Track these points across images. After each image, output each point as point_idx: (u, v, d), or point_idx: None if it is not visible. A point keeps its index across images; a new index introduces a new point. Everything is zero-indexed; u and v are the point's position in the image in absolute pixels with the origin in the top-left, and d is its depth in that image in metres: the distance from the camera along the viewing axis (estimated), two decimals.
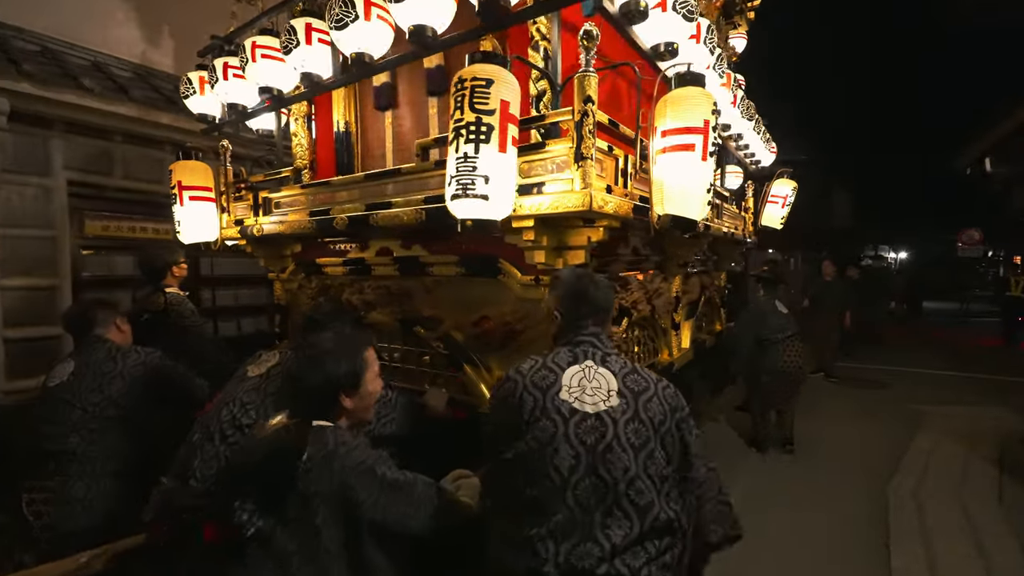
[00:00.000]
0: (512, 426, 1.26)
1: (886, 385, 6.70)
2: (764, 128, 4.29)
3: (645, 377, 1.34)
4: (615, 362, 1.34)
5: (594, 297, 1.43)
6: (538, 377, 1.28)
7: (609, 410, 1.23)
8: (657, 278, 3.03)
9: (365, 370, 1.37)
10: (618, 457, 1.18)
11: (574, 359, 1.33)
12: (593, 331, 1.40)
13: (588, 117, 1.66)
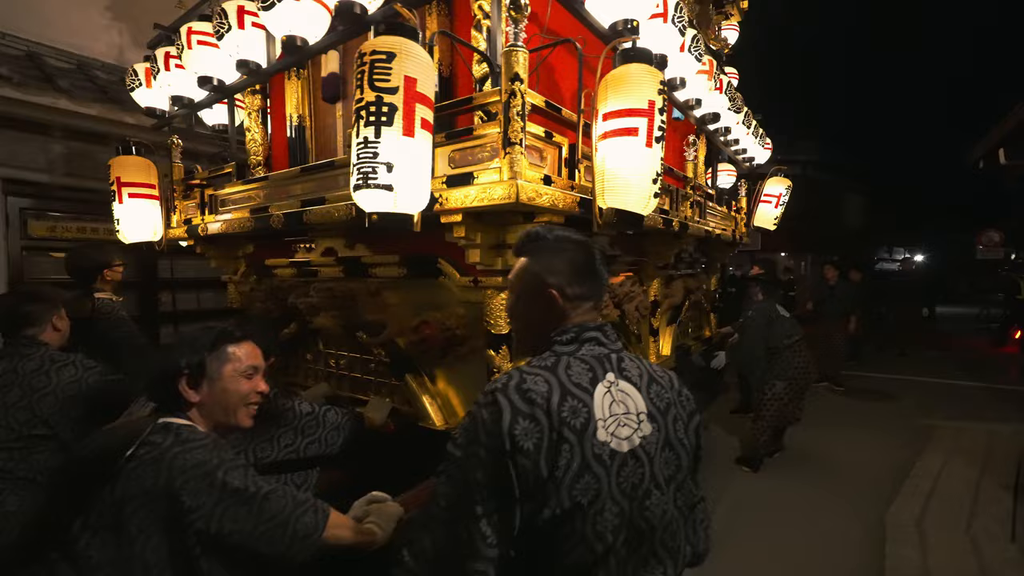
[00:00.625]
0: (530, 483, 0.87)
1: (895, 396, 6.37)
2: (756, 123, 4.05)
3: (662, 383, 1.02)
4: (632, 367, 1.00)
5: (599, 270, 1.06)
6: (568, 411, 0.89)
7: (643, 443, 0.94)
8: (629, 281, 2.81)
9: (223, 364, 1.21)
10: (657, 502, 0.94)
11: (593, 372, 0.95)
12: (599, 324, 1.04)
13: (515, 98, 1.47)
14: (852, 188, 18.61)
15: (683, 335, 3.95)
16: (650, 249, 3.08)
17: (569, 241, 1.06)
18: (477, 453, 0.88)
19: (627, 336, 2.90)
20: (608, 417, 0.92)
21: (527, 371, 0.94)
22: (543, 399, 0.89)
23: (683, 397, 1.05)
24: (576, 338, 1.00)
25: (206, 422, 1.20)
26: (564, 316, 1.02)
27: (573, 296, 1.02)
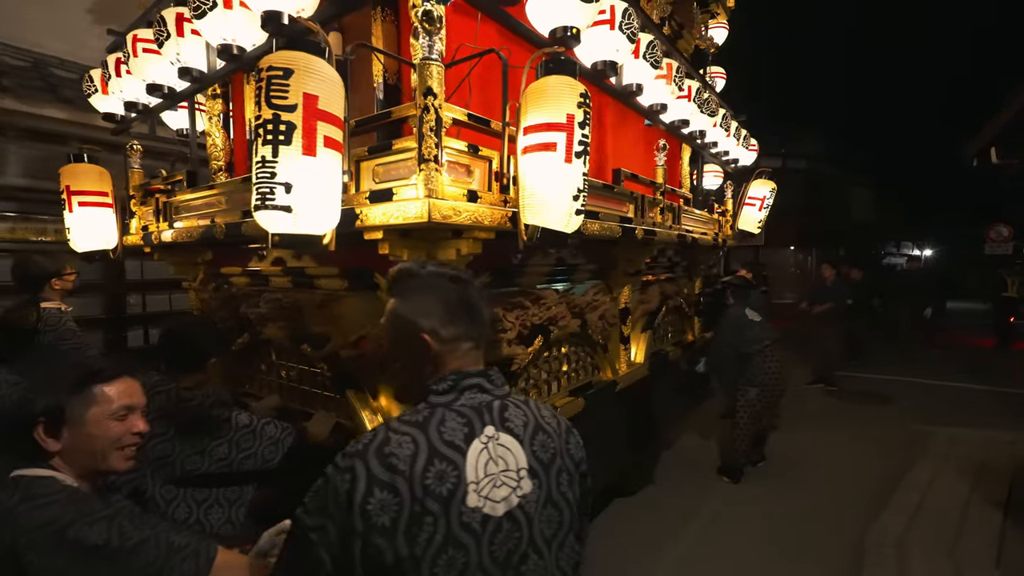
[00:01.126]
0: (386, 565, 0.78)
1: (893, 399, 6.22)
2: (738, 125, 3.94)
3: (549, 431, 0.94)
4: (516, 416, 0.91)
5: (476, 307, 0.95)
6: (433, 477, 0.80)
7: (522, 503, 0.86)
8: (593, 290, 2.75)
9: (87, 407, 1.13)
10: (534, 567, 0.87)
11: (470, 426, 0.86)
12: (480, 369, 0.94)
13: (429, 113, 1.40)
14: (858, 182, 18.24)
15: (661, 341, 3.87)
16: (619, 256, 3.01)
17: (443, 277, 0.95)
18: (324, 527, 0.79)
19: (591, 346, 2.84)
20: (483, 478, 0.84)
21: (394, 429, 0.85)
22: (406, 464, 0.80)
23: (571, 444, 0.97)
24: (454, 386, 0.90)
25: (73, 470, 1.12)
26: (440, 362, 0.92)
27: (449, 338, 0.92)
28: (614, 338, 3.15)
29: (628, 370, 3.20)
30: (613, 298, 3.10)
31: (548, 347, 2.46)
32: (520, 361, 2.13)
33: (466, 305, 0.95)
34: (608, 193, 2.49)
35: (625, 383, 3.10)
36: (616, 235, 2.38)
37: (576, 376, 2.73)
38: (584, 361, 2.81)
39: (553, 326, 2.38)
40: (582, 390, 2.69)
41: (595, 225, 2.21)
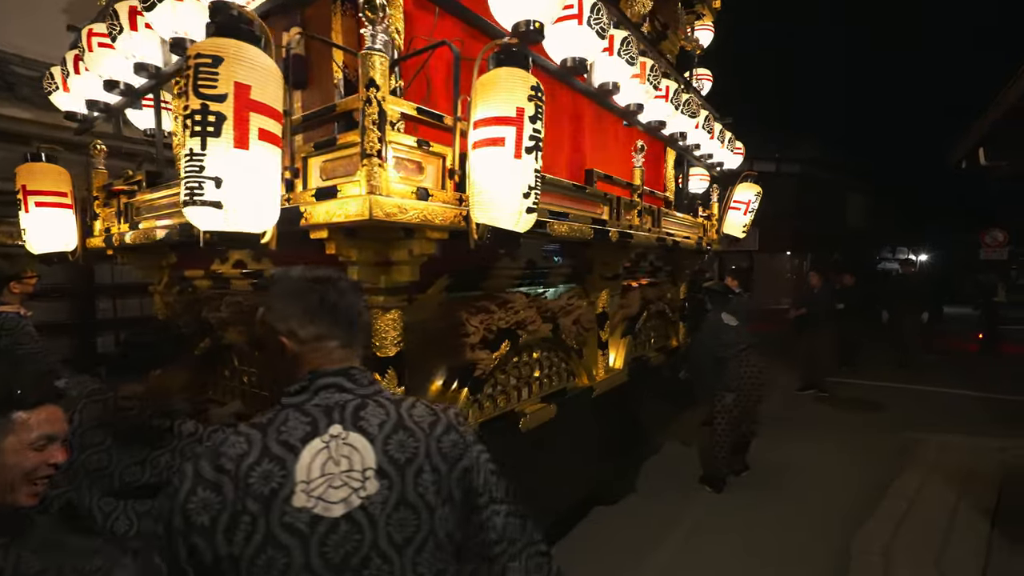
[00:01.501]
0: (206, 564, 0.79)
1: (882, 406, 6.15)
2: (723, 127, 3.89)
3: (414, 430, 0.90)
4: (374, 414, 0.89)
5: (338, 306, 0.93)
6: (257, 477, 0.80)
7: (365, 504, 0.83)
8: (567, 294, 2.68)
9: (3, 435, 1.04)
10: (377, 571, 0.83)
11: (313, 426, 0.85)
12: (340, 367, 0.91)
13: (371, 106, 1.34)
14: (853, 187, 18.27)
15: (643, 346, 3.80)
16: (595, 259, 2.95)
17: (306, 280, 0.93)
18: (158, 530, 0.81)
19: (566, 351, 2.76)
20: (316, 478, 0.82)
21: (237, 430, 0.85)
22: (233, 464, 0.80)
23: (445, 443, 0.92)
24: (307, 387, 0.89)
25: None
26: (301, 362, 0.91)
27: (307, 338, 0.90)
28: (591, 343, 3.08)
29: (606, 376, 3.13)
30: (590, 302, 3.03)
31: (517, 352, 2.38)
32: (484, 366, 2.05)
33: (328, 305, 0.92)
34: (579, 194, 2.43)
35: (602, 389, 3.03)
36: (587, 237, 2.32)
37: (549, 382, 2.66)
38: (558, 367, 2.74)
39: (522, 331, 2.31)
40: (555, 396, 2.62)
41: (563, 227, 2.15)
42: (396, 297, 1.68)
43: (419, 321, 1.83)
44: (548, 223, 2.06)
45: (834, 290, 6.96)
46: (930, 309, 8.30)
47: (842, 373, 7.55)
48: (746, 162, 16.14)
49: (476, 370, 2.03)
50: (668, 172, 4.49)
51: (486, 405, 2.20)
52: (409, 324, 1.79)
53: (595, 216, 2.61)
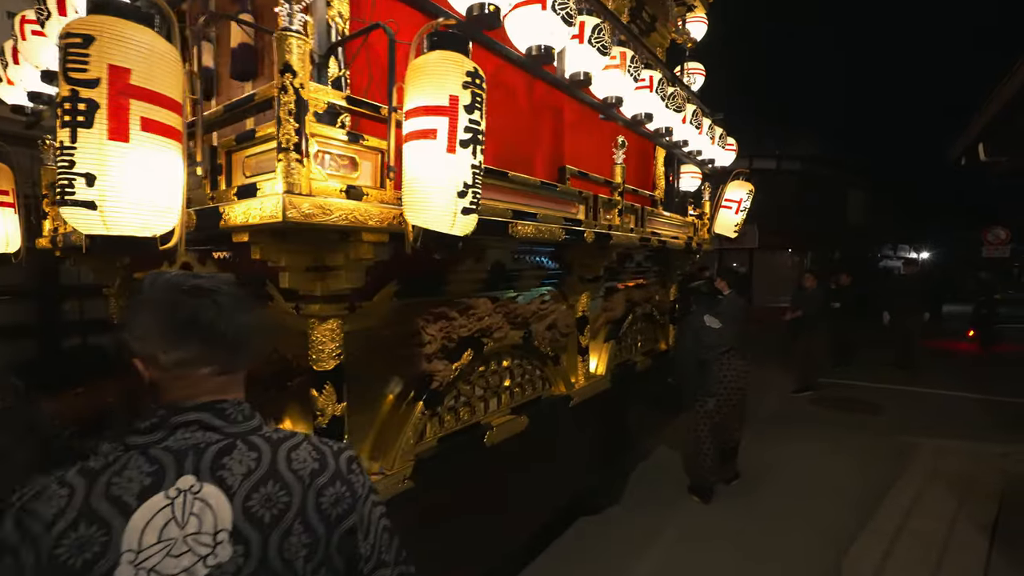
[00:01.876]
0: None
1: (879, 408, 5.99)
2: (711, 122, 3.72)
3: (287, 480, 0.75)
4: (241, 460, 0.74)
5: (216, 325, 0.75)
6: (69, 546, 0.64)
7: (213, 574, 0.69)
8: (539, 297, 2.53)
9: None
10: None
11: (158, 476, 0.70)
12: (208, 401, 0.75)
13: (287, 93, 1.18)
14: (854, 184, 18.05)
15: (628, 351, 3.65)
16: (574, 261, 2.79)
17: (176, 290, 0.76)
18: None
19: (540, 358, 2.61)
20: (151, 545, 0.66)
21: (62, 479, 0.69)
22: (42, 526, 0.64)
23: (327, 498, 0.77)
24: (162, 423, 0.73)
25: None
26: (161, 391, 0.75)
27: (172, 364, 0.73)
28: (570, 349, 2.93)
29: (586, 383, 2.98)
30: (570, 305, 2.88)
31: (483, 361, 2.23)
32: (442, 378, 1.90)
33: (201, 323, 0.75)
34: (549, 192, 2.28)
35: (582, 397, 2.88)
36: (558, 238, 2.17)
37: (521, 392, 2.51)
38: (532, 375, 2.59)
39: (487, 338, 2.16)
40: (527, 407, 2.47)
41: (528, 227, 1.99)
42: (335, 305, 1.54)
43: (365, 330, 1.68)
44: (511, 224, 1.91)
45: (829, 290, 6.79)
46: (931, 309, 8.07)
47: (838, 374, 7.39)
48: (745, 160, 16.04)
49: (433, 382, 1.88)
50: (658, 170, 4.33)
51: (447, 419, 2.06)
52: (353, 334, 1.64)
53: (569, 216, 2.45)
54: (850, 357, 7.92)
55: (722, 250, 16.07)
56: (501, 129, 2.59)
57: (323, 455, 0.80)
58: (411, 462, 1.79)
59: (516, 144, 2.65)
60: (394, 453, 1.76)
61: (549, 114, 2.87)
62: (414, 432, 1.82)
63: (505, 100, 2.60)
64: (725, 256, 16.11)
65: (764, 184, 16.27)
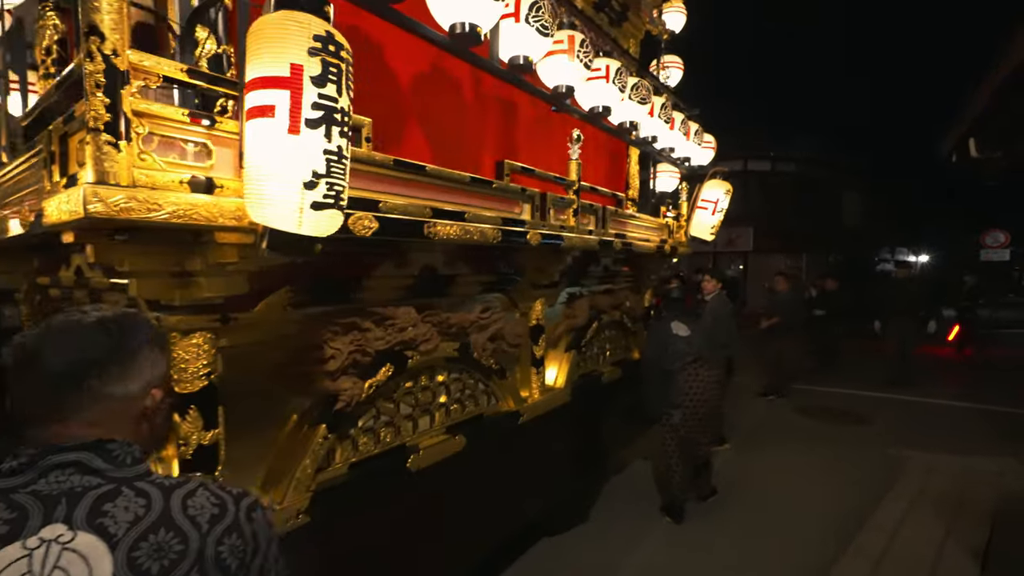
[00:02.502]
0: None
1: (866, 418, 5.76)
2: (685, 117, 3.51)
3: (181, 528, 0.67)
4: (128, 506, 0.65)
5: (57, 364, 0.68)
6: None
7: None
8: (481, 305, 2.31)
9: None
10: None
11: (16, 524, 0.61)
12: (88, 441, 0.68)
13: (93, 62, 0.97)
14: (850, 186, 17.86)
15: (595, 361, 3.43)
16: (526, 265, 2.57)
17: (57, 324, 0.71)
18: None
19: (484, 372, 2.39)
20: None
21: None
22: None
23: (226, 547, 0.69)
24: (31, 463, 0.65)
25: None
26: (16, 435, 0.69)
27: (16, 409, 0.69)
28: (523, 360, 2.71)
29: (542, 397, 2.76)
30: (522, 314, 2.66)
31: (411, 376, 2.01)
32: (350, 397, 1.68)
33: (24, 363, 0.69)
34: (482, 189, 2.06)
35: (535, 413, 2.66)
36: (491, 240, 1.95)
37: (460, 408, 2.29)
38: (474, 390, 2.36)
39: (412, 351, 1.94)
40: (465, 426, 2.25)
41: (452, 228, 1.78)
42: (201, 317, 1.32)
43: (249, 345, 1.47)
44: (428, 224, 1.69)
45: (803, 294, 6.56)
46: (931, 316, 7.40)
47: (823, 380, 7.16)
48: (739, 161, 15.76)
49: (339, 402, 1.66)
50: (632, 169, 4.12)
51: (362, 442, 1.84)
52: (232, 350, 1.43)
53: (512, 216, 2.24)
54: (835, 363, 7.70)
55: (716, 253, 15.92)
56: (439, 121, 2.39)
57: (223, 501, 0.72)
58: (308, 494, 1.57)
59: (458, 139, 2.44)
60: (286, 484, 1.54)
61: (494, 106, 2.66)
62: (313, 460, 1.60)
63: (443, 89, 2.39)
64: (720, 260, 15.93)
65: (759, 186, 16.17)
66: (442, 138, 2.37)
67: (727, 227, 15.88)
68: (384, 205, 1.58)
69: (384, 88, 2.12)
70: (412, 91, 2.25)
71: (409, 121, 2.24)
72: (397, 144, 2.19)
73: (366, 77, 1.92)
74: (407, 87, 2.24)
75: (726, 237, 15.51)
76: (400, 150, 2.18)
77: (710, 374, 3.07)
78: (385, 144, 2.13)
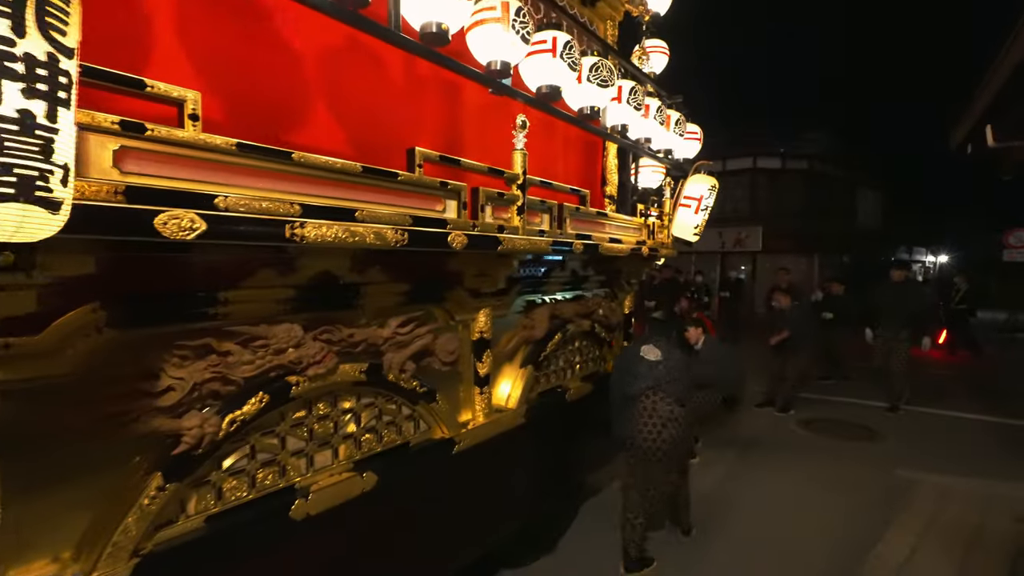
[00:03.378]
0: None
1: (875, 434, 5.31)
2: (662, 105, 3.14)
3: None
4: None
5: None
6: None
7: None
8: (397, 319, 1.97)
9: None
10: None
11: None
12: None
13: None
14: (866, 183, 17.19)
15: (559, 375, 3.08)
16: (464, 271, 2.24)
17: None
18: None
19: (408, 396, 2.06)
20: None
21: None
22: None
23: None
24: None
25: None
26: None
27: None
28: (465, 379, 2.38)
29: (487, 420, 2.42)
30: (462, 325, 2.33)
31: (301, 405, 1.69)
32: (198, 437, 1.37)
33: None
34: (384, 182, 1.73)
35: (477, 439, 2.33)
36: (390, 244, 1.62)
37: (375, 439, 1.96)
38: (395, 417, 2.04)
39: (299, 376, 1.62)
40: (378, 459, 1.93)
41: (330, 229, 1.45)
42: None
43: (42, 379, 1.16)
44: (292, 224, 1.36)
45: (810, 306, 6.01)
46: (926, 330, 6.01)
47: (828, 390, 6.70)
48: (748, 159, 15.17)
49: (182, 445, 1.35)
50: (609, 163, 3.76)
51: (229, 487, 1.52)
52: (16, 384, 1.12)
53: (431, 214, 1.91)
54: (839, 372, 7.22)
55: (724, 253, 15.39)
56: (352, 105, 2.06)
57: None
58: (132, 561, 1.26)
59: (377, 125, 2.12)
60: (99, 551, 1.23)
61: (432, 88, 2.33)
62: (141, 517, 1.28)
63: (364, 71, 2.07)
64: (727, 262, 15.40)
65: (768, 184, 15.60)
66: (358, 125, 2.05)
67: (735, 227, 15.32)
68: (227, 201, 1.26)
69: (271, 58, 1.80)
70: (318, 65, 1.93)
71: (313, 102, 1.92)
72: (298, 129, 1.87)
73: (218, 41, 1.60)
74: (312, 60, 1.92)
75: (734, 237, 14.99)
76: (303, 135, 1.86)
77: (671, 410, 2.62)
78: (287, 130, 1.82)
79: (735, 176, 15.16)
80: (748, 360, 6.12)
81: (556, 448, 3.01)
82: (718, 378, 3.55)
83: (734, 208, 15.17)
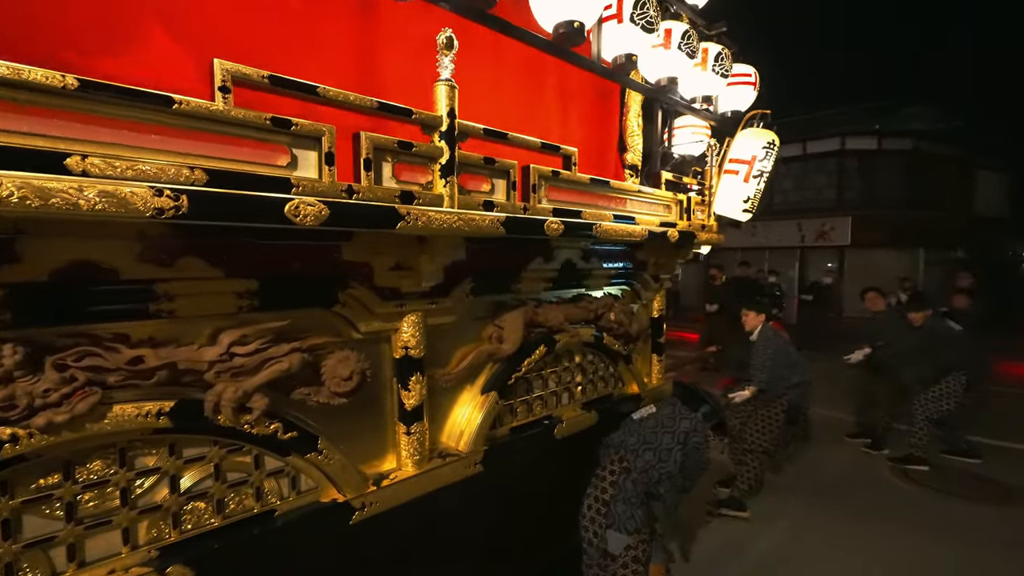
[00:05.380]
0: None
1: (1004, 490, 3.96)
2: (687, 31, 2.27)
3: None
4: None
5: None
6: None
7: None
8: (228, 335, 1.31)
9: None
10: None
11: None
12: None
13: None
14: (986, 165, 14.50)
15: (546, 403, 2.30)
16: (372, 263, 1.55)
17: None
18: None
19: (276, 448, 1.39)
20: None
21: None
22: None
23: None
24: None
25: None
26: None
27: None
28: (383, 415, 1.69)
29: (416, 472, 1.71)
30: (376, 339, 1.64)
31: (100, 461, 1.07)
32: None
33: None
34: (149, 115, 1.05)
35: (392, 501, 1.62)
36: (143, 215, 0.95)
37: (209, 514, 1.31)
38: (256, 481, 1.38)
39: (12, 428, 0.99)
40: (207, 544, 1.27)
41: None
42: None
43: None
44: None
45: (904, 316, 4.60)
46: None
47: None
48: (835, 140, 13.28)
49: None
50: (629, 121, 2.90)
51: None
52: None
53: (262, 169, 1.22)
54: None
55: (803, 248, 13.50)
56: None
57: None
58: None
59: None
60: None
61: None
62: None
63: None
64: (807, 256, 13.51)
65: (859, 167, 13.55)
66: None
67: (818, 217, 13.46)
68: None
69: None
70: None
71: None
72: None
73: None
74: None
75: (816, 230, 13.12)
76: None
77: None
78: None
79: (818, 160, 13.32)
80: (818, 374, 4.89)
81: (533, 506, 2.24)
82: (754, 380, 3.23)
83: (816, 196, 13.36)
